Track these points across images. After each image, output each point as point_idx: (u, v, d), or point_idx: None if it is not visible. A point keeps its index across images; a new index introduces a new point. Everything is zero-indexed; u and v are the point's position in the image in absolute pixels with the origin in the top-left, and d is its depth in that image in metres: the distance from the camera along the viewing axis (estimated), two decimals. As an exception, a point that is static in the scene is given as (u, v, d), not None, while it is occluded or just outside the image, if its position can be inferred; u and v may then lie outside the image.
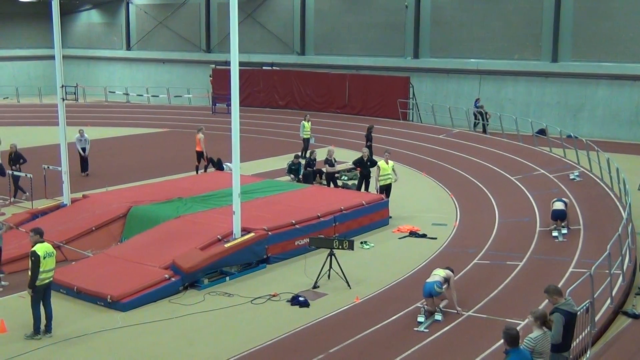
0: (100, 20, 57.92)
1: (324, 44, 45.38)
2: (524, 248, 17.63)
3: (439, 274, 13.78)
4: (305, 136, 30.94)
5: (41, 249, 12.83)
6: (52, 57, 21.06)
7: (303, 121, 31.17)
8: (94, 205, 19.99)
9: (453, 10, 39.94)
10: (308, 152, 28.28)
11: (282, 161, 28.96)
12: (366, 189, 23.35)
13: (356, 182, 24.32)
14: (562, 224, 18.52)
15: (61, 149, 20.68)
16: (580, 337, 11.48)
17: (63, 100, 20.36)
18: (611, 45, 35.12)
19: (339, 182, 25.40)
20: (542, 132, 31.68)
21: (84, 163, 27.43)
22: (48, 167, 23.76)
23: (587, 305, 11.71)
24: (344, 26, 44.09)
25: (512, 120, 32.55)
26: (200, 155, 26.78)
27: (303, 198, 20.92)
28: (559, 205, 18.73)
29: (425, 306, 13.57)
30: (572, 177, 24.23)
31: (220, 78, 42.39)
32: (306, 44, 46.23)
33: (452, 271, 14.06)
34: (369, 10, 42.85)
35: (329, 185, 24.60)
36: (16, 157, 23.94)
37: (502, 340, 9.31)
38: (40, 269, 12.72)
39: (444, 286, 13.61)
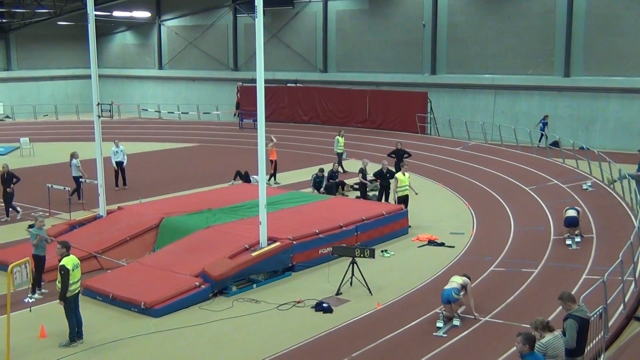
0: (133, 42, 58.48)
1: (346, 62, 45.45)
2: (538, 256, 17.49)
3: (456, 281, 13.71)
4: (339, 151, 30.94)
5: (69, 262, 12.95)
6: (89, 77, 21.36)
7: (337, 136, 31.20)
8: (129, 216, 20.11)
9: (468, 28, 39.85)
10: (331, 164, 28.12)
11: (306, 174, 29.00)
12: (386, 199, 23.31)
13: (377, 193, 24.26)
14: (575, 232, 18.37)
15: (97, 163, 20.85)
16: (594, 342, 11.36)
17: (99, 117, 20.52)
18: (621, 60, 34.83)
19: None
20: (555, 144, 31.47)
21: (121, 176, 27.32)
22: (85, 180, 23.98)
23: (600, 311, 11.57)
24: (365, 44, 44.14)
25: (526, 133, 32.39)
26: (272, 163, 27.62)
27: (326, 209, 20.91)
28: (571, 213, 18.58)
29: (444, 312, 13.50)
30: (584, 187, 24.04)
31: (247, 95, 42.67)
32: (328, 62, 46.32)
33: (469, 278, 13.98)
34: (388, 29, 42.86)
35: (361, 193, 24.54)
36: (9, 177, 22.67)
37: (517, 345, 9.22)
38: (70, 281, 12.84)
39: (462, 293, 13.54)
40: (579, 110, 36.33)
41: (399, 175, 21.93)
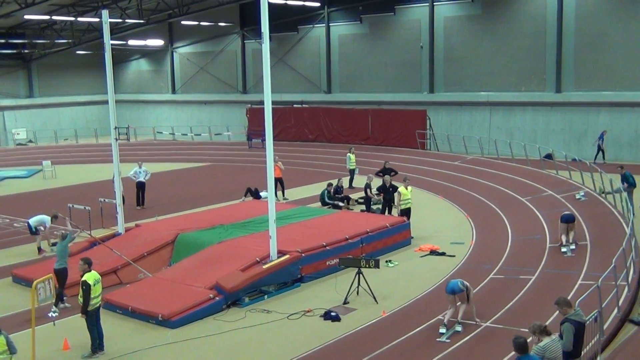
0: (148, 68, 58.82)
1: (348, 83, 45.59)
2: (535, 263, 17.40)
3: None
4: (351, 167, 30.84)
5: (90, 277, 12.95)
6: (106, 102, 21.39)
7: (349, 153, 31.11)
8: (146, 233, 20.14)
9: (464, 48, 39.95)
10: (336, 180, 28.19)
11: (313, 189, 29.01)
12: (389, 212, 23.27)
13: (380, 206, 24.23)
14: (571, 232, 18.18)
15: (115, 183, 20.92)
16: (590, 344, 11.28)
17: (116, 140, 20.58)
18: (610, 75, 34.84)
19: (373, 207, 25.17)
20: (549, 156, 31.42)
21: (141, 195, 27.27)
22: (104, 200, 24.03)
23: (595, 314, 11.52)
24: (366, 66, 44.29)
25: (521, 147, 32.36)
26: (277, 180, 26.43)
27: (333, 222, 20.88)
28: (567, 212, 18.55)
29: (447, 319, 13.39)
30: (578, 197, 23.95)
31: (256, 116, 42.83)
32: (332, 83, 46.47)
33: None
34: (388, 51, 43.01)
35: (366, 207, 24.51)
36: None
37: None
38: (91, 296, 12.85)
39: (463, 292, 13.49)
40: (570, 124, 36.34)
41: (401, 189, 21.90)
